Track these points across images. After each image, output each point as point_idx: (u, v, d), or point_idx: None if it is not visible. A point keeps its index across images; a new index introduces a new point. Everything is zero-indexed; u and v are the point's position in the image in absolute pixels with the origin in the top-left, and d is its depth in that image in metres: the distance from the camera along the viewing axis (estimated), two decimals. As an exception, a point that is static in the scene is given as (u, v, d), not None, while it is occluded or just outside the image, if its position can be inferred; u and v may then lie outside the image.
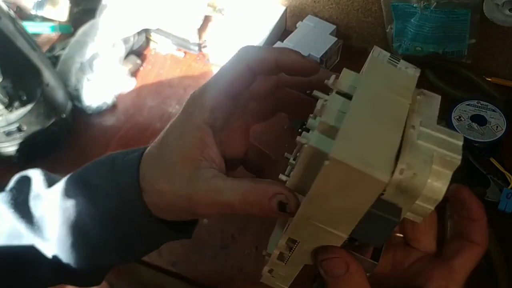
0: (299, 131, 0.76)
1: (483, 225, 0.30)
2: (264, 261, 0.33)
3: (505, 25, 0.71)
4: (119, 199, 0.32)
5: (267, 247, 0.33)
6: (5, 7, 0.66)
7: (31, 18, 0.93)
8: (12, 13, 0.68)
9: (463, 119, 0.73)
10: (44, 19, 0.94)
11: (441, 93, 0.31)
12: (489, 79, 0.81)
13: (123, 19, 0.83)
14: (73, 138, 0.79)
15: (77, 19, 0.91)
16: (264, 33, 0.86)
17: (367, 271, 0.28)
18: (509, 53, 0.79)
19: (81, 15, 0.92)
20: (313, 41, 0.83)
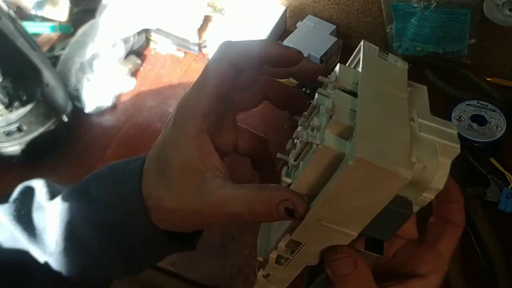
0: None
1: (461, 206, 0.31)
2: (254, 266, 0.32)
3: (505, 25, 0.71)
4: (121, 212, 0.32)
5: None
6: (5, 7, 0.66)
7: (31, 18, 0.93)
8: (12, 13, 0.68)
9: (463, 119, 0.73)
10: (44, 19, 0.94)
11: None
12: (489, 79, 0.81)
13: (123, 19, 0.83)
14: (73, 138, 0.79)
15: (77, 19, 0.91)
16: (264, 33, 0.86)
17: (372, 265, 0.28)
18: (509, 53, 0.79)
19: (81, 15, 0.92)
20: (313, 41, 0.83)
